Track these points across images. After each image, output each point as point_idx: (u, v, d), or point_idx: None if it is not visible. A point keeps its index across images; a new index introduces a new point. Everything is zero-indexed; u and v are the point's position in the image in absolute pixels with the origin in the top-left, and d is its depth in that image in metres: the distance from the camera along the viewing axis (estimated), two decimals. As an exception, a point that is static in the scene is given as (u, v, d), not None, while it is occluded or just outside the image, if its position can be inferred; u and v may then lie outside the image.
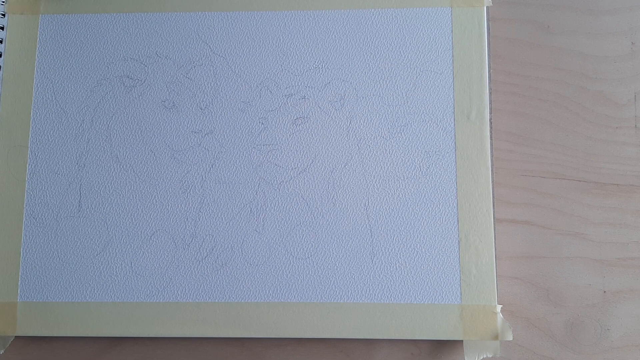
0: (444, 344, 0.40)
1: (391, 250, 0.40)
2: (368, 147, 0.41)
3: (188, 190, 0.41)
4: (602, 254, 0.41)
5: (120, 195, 0.41)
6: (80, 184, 0.41)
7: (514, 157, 0.42)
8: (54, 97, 0.42)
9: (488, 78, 0.42)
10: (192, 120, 0.42)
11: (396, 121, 0.41)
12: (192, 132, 0.42)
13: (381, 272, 0.40)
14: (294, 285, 0.40)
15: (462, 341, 0.39)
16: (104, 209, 0.41)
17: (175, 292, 0.40)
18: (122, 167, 0.41)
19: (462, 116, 0.41)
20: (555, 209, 0.42)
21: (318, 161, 0.41)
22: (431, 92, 0.42)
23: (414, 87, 0.42)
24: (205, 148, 0.41)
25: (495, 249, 0.40)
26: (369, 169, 0.41)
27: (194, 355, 0.40)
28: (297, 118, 0.42)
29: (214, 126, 0.42)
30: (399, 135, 0.41)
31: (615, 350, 0.40)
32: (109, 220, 0.41)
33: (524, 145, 0.42)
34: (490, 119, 0.41)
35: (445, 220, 0.40)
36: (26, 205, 0.41)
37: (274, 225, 0.40)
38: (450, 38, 0.42)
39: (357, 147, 0.41)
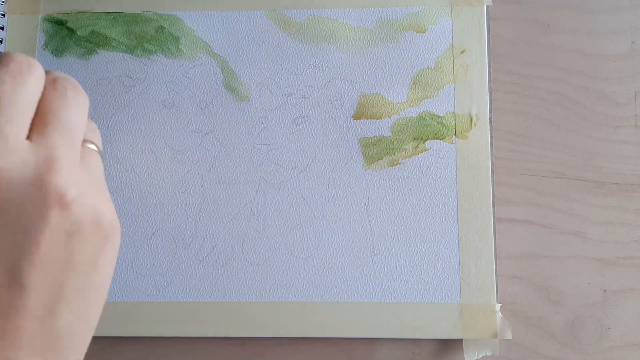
0: (444, 343, 0.40)
1: (391, 249, 0.40)
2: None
3: (188, 190, 0.41)
4: (602, 253, 0.41)
5: (120, 195, 0.41)
6: (81, 184, 0.41)
7: (514, 156, 0.42)
8: (54, 97, 0.42)
9: (488, 77, 0.41)
10: (192, 120, 0.42)
11: (396, 120, 0.41)
12: (192, 131, 0.42)
13: (381, 272, 0.40)
14: (294, 285, 0.40)
15: (462, 340, 0.39)
16: (104, 209, 0.41)
17: (176, 291, 0.40)
18: (123, 167, 0.41)
19: (463, 115, 0.41)
20: (556, 208, 0.42)
21: (318, 160, 0.41)
22: (431, 91, 0.42)
23: (414, 86, 0.42)
24: (205, 148, 0.41)
25: (496, 248, 0.40)
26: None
27: (194, 354, 0.40)
28: (297, 117, 0.42)
29: (214, 126, 0.42)
30: (399, 133, 0.41)
31: (615, 349, 0.40)
32: (109, 220, 0.41)
33: (524, 145, 0.42)
34: (490, 118, 0.41)
35: (445, 220, 0.40)
36: (27, 205, 0.41)
37: (274, 225, 0.41)
38: (450, 37, 0.42)
39: (357, 147, 0.41)
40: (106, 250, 0.27)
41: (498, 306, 0.39)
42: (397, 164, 0.41)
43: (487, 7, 0.42)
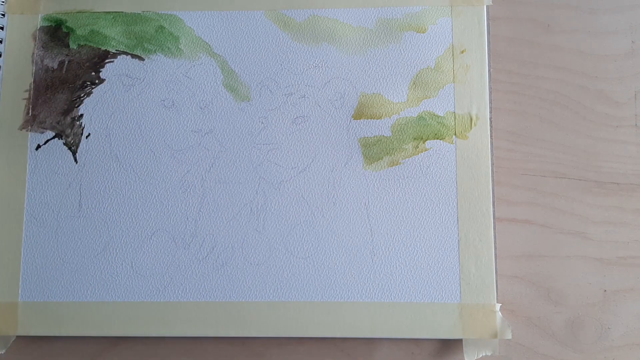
0: (444, 343, 0.40)
1: (391, 249, 0.40)
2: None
3: (188, 190, 0.41)
4: (602, 253, 0.41)
5: (120, 195, 0.41)
6: (80, 184, 0.41)
7: (514, 156, 0.42)
8: (53, 97, 0.42)
9: (488, 77, 0.41)
10: (191, 120, 0.42)
11: (396, 120, 0.41)
12: (192, 131, 0.42)
13: (381, 271, 0.40)
14: (294, 285, 0.40)
15: (462, 340, 0.39)
16: (104, 208, 0.41)
17: (176, 291, 0.40)
18: (122, 166, 0.41)
19: (463, 115, 0.41)
20: (556, 207, 0.42)
21: (318, 160, 0.41)
22: (431, 90, 0.42)
23: (414, 86, 0.42)
24: (205, 147, 0.41)
25: (496, 248, 0.40)
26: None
27: (194, 354, 0.40)
28: (297, 117, 0.42)
29: (213, 125, 0.42)
30: (399, 133, 0.41)
31: (615, 349, 0.40)
32: (109, 220, 0.41)
33: (524, 144, 0.42)
34: (490, 118, 0.41)
35: (445, 220, 0.40)
36: (27, 205, 0.41)
37: (274, 225, 0.41)
38: (450, 37, 0.42)
39: (357, 147, 0.41)
40: None
41: (498, 306, 0.39)
42: (397, 164, 0.41)
43: (487, 7, 0.42)
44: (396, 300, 0.39)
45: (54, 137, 0.42)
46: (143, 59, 0.42)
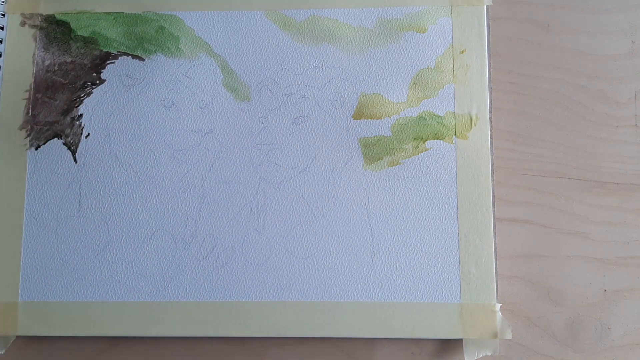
0: (444, 343, 0.40)
1: (391, 249, 0.40)
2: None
3: (188, 190, 0.41)
4: (602, 253, 0.41)
5: (120, 195, 0.41)
6: (80, 184, 0.41)
7: (514, 156, 0.42)
8: (53, 97, 0.42)
9: (488, 77, 0.41)
10: (191, 120, 0.42)
11: (396, 120, 0.41)
12: (191, 131, 0.42)
13: (381, 271, 0.40)
14: (294, 285, 0.40)
15: (462, 340, 0.39)
16: (104, 208, 0.41)
17: (176, 291, 0.40)
18: (122, 166, 0.41)
19: (463, 115, 0.41)
20: (556, 207, 0.42)
21: (318, 160, 0.41)
22: (431, 90, 0.42)
23: (414, 86, 0.42)
24: (205, 147, 0.41)
25: (496, 248, 0.40)
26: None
27: (194, 354, 0.40)
28: (297, 117, 0.42)
29: (213, 125, 0.42)
30: (399, 133, 0.41)
31: (615, 349, 0.40)
32: (109, 220, 0.41)
33: (524, 144, 0.42)
34: (490, 118, 0.41)
35: (445, 219, 0.40)
36: (26, 205, 0.41)
37: (274, 225, 0.41)
38: (450, 37, 0.42)
39: (357, 147, 0.41)
40: None
41: (498, 306, 0.39)
42: (397, 164, 0.41)
43: (487, 7, 0.42)
44: (396, 300, 0.39)
45: (53, 137, 0.42)
46: (143, 59, 0.43)
